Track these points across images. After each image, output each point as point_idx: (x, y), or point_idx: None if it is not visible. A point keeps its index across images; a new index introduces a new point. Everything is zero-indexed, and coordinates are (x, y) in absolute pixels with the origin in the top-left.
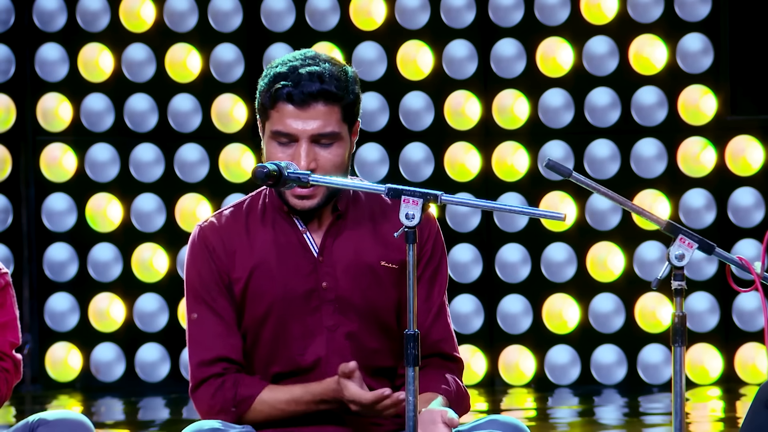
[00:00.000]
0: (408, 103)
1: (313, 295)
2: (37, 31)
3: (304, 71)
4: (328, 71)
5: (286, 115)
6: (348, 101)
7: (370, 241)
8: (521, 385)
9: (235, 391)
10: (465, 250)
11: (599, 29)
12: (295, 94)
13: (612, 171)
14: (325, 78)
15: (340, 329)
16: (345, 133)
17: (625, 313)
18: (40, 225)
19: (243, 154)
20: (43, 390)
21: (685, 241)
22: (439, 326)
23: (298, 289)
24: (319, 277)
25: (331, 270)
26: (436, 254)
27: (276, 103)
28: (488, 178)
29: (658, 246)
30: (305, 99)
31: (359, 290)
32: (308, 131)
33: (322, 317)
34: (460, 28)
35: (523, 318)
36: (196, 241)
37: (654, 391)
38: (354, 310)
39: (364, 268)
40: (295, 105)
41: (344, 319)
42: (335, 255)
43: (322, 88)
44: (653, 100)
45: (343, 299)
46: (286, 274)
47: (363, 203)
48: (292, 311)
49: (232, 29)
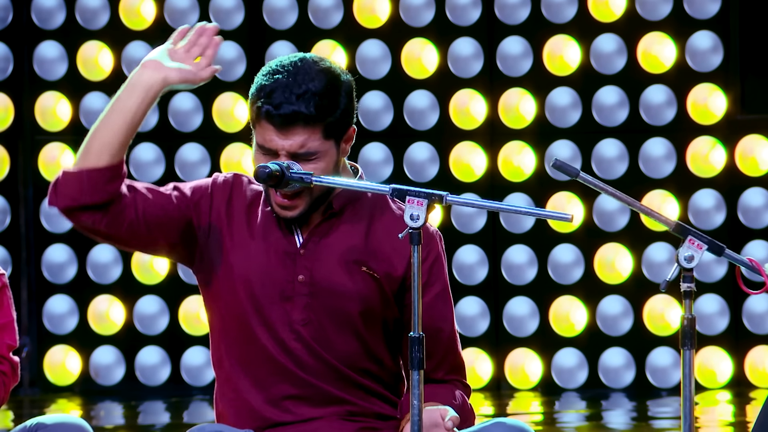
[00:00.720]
0: (412, 102)
1: (287, 285)
2: (36, 29)
3: (287, 92)
4: (312, 89)
5: (267, 131)
6: (332, 119)
7: (359, 244)
8: (528, 389)
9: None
10: (470, 252)
11: (607, 27)
12: (274, 116)
13: (620, 171)
14: (306, 98)
15: (309, 325)
16: (328, 148)
17: (634, 316)
18: (38, 226)
19: (244, 154)
20: (42, 394)
21: (694, 242)
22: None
23: (274, 275)
24: (296, 270)
25: (309, 264)
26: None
27: (259, 119)
28: (494, 179)
29: (666, 247)
30: (284, 122)
31: (334, 291)
32: (287, 149)
33: (293, 309)
34: (466, 25)
35: (529, 320)
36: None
37: (663, 395)
38: (325, 309)
39: (344, 270)
40: (274, 126)
41: (314, 316)
42: (317, 252)
43: (301, 111)
44: (662, 99)
45: (317, 295)
46: (266, 258)
47: (364, 204)
48: (267, 296)
49: (234, 27)
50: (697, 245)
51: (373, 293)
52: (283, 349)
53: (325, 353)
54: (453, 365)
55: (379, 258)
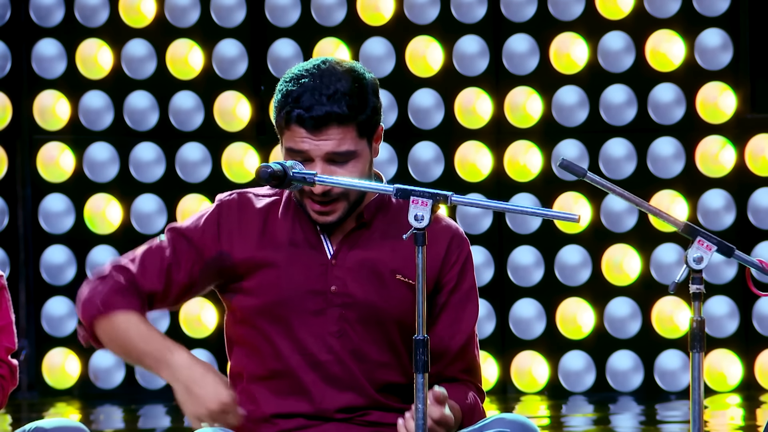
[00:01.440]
0: (417, 101)
1: (319, 297)
2: (34, 27)
3: (316, 94)
4: (342, 90)
5: (298, 136)
6: (364, 117)
7: (389, 252)
8: (534, 392)
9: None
10: (476, 253)
11: (615, 24)
12: (306, 119)
13: (628, 171)
14: (336, 99)
15: (344, 337)
16: (362, 147)
17: (642, 318)
18: (36, 227)
19: (246, 154)
20: (40, 397)
21: (703, 243)
22: (464, 357)
23: (305, 288)
24: (328, 280)
25: (342, 274)
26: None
27: (289, 124)
28: (500, 179)
29: (675, 248)
30: (316, 124)
31: (369, 301)
32: (322, 152)
33: (326, 321)
34: (471, 23)
35: (536, 323)
36: (211, 208)
37: (671, 399)
38: (360, 320)
39: (377, 279)
40: (306, 129)
41: (349, 328)
42: (349, 261)
43: (333, 111)
44: (671, 98)
45: (350, 306)
46: (295, 270)
47: (393, 211)
48: (295, 309)
49: (236, 24)
50: (706, 246)
51: (408, 301)
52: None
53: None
54: (468, 365)
55: (412, 264)
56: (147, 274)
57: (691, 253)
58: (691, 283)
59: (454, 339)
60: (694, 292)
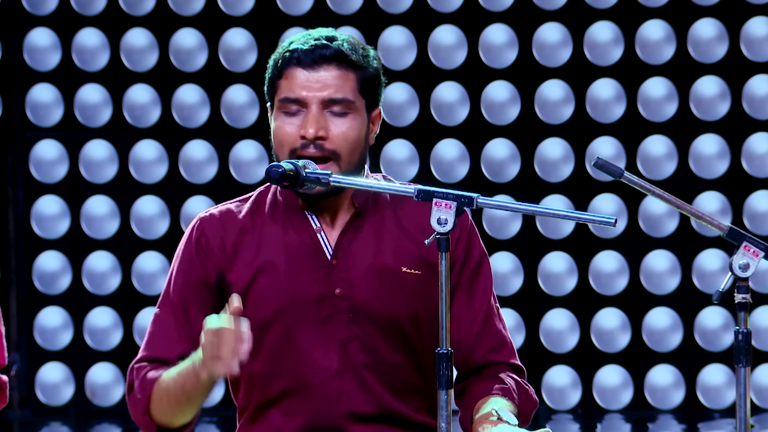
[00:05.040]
0: (440, 95)
1: (324, 302)
2: (26, 15)
3: (318, 35)
4: (347, 39)
5: (295, 80)
6: (367, 74)
7: (390, 243)
8: (566, 411)
9: (142, 379)
10: (504, 260)
11: (653, 12)
12: (305, 55)
13: (668, 171)
14: (339, 41)
15: (355, 342)
16: (361, 107)
17: (683, 330)
18: (28, 231)
19: (256, 152)
20: (33, 415)
21: (749, 249)
22: (488, 335)
23: (308, 295)
24: (331, 283)
25: (345, 275)
26: (473, 256)
27: (285, 69)
28: (530, 179)
29: (719, 255)
30: (316, 60)
31: (377, 298)
32: (318, 96)
33: (334, 328)
34: (499, 11)
35: (568, 335)
36: (191, 234)
37: (715, 417)
38: (371, 320)
39: (383, 274)
40: (304, 67)
41: (360, 331)
42: (351, 258)
43: (336, 49)
44: (714, 92)
45: (358, 308)
46: (294, 277)
47: (384, 200)
48: (300, 320)
49: (244, 12)
50: (753, 252)
51: (418, 293)
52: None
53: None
54: (495, 342)
55: (414, 252)
56: (161, 348)
57: (737, 260)
58: (736, 292)
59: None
60: (740, 302)
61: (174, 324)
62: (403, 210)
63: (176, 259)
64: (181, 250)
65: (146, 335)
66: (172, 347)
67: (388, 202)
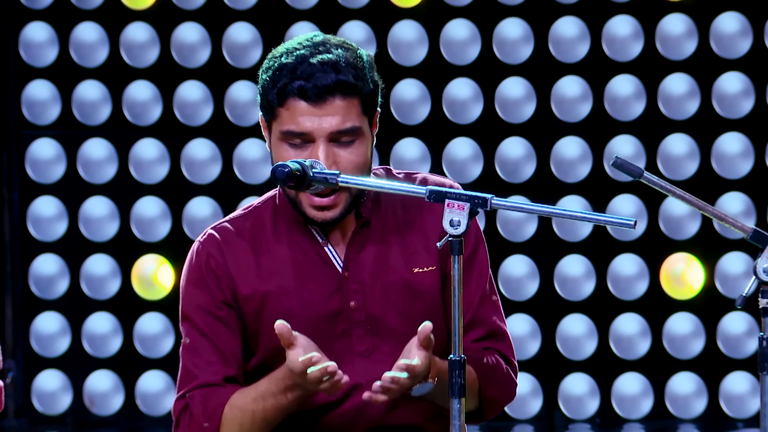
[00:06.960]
0: (453, 92)
1: (339, 317)
2: (22, 9)
3: (316, 61)
4: (344, 58)
5: (298, 112)
6: (367, 91)
7: (398, 249)
8: (583, 420)
9: (204, 405)
10: (519, 263)
11: (674, 6)
12: (308, 89)
13: (690, 170)
14: (340, 67)
15: (375, 354)
16: (366, 128)
17: (705, 336)
18: (25, 233)
19: (261, 152)
20: (29, 425)
21: None
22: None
23: (322, 311)
24: (345, 296)
25: (359, 287)
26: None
27: (286, 100)
28: (546, 179)
29: (743, 258)
30: (320, 93)
31: (393, 308)
32: (326, 129)
33: (352, 342)
34: (514, 4)
35: (586, 342)
36: (197, 258)
37: (739, 427)
38: (389, 330)
39: (396, 282)
40: (308, 101)
41: (379, 342)
42: (362, 269)
43: (339, 79)
44: (738, 89)
45: (375, 319)
46: (307, 295)
47: (384, 204)
48: (316, 337)
49: (248, 6)
50: None
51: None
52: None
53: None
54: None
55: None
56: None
57: (761, 263)
58: (760, 297)
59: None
60: (764, 307)
61: (211, 349)
62: (401, 213)
63: (187, 285)
64: (190, 276)
65: (182, 368)
66: (216, 371)
67: (387, 205)
